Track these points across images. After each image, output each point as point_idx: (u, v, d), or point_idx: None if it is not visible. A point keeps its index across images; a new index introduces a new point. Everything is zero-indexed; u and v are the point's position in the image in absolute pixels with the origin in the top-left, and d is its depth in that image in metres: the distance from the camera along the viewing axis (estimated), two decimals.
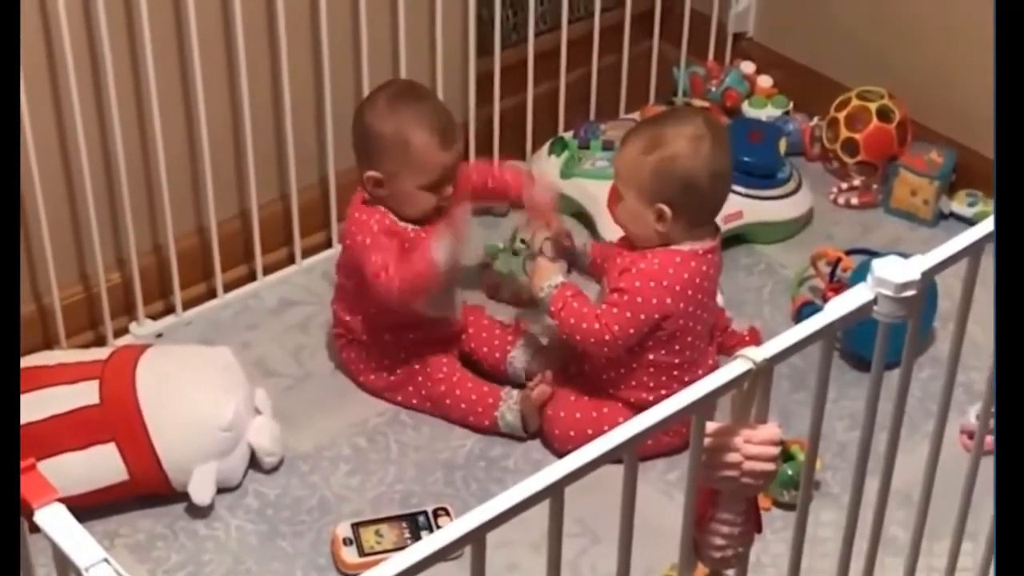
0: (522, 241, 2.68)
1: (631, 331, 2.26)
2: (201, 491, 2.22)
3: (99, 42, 2.30)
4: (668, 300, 2.24)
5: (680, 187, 2.21)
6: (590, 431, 2.23)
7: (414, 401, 2.43)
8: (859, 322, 1.36)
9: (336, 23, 2.59)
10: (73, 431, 2.18)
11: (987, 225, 1.41)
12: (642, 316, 2.25)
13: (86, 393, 2.21)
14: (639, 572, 2.08)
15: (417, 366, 2.41)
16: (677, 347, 2.30)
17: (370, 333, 2.41)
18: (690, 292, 2.26)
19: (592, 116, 2.98)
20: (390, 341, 2.41)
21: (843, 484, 2.25)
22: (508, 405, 2.36)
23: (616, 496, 1.31)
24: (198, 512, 2.24)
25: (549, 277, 2.31)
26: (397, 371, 2.43)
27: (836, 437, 2.40)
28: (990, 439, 2.31)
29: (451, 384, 2.39)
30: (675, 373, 2.30)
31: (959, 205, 2.87)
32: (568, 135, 2.92)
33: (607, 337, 2.25)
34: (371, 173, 2.32)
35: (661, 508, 2.20)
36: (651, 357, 2.30)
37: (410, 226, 2.35)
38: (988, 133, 2.82)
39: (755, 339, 2.51)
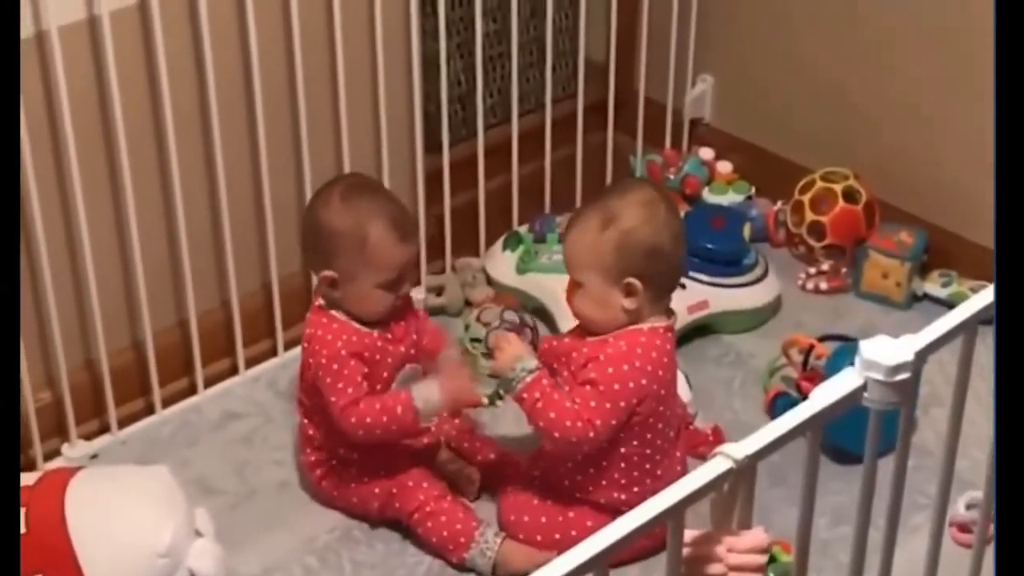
0: (474, 340, 2.56)
1: (613, 422, 2.13)
2: None
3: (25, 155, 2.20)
4: (643, 381, 2.13)
5: (645, 256, 2.13)
6: (557, 536, 2.16)
7: (387, 515, 2.30)
8: None
9: (275, 121, 2.51)
10: None
11: (981, 299, 1.30)
12: (621, 403, 2.13)
13: None
14: None
15: (393, 486, 2.27)
16: (649, 436, 2.18)
17: (342, 449, 2.28)
18: (660, 372, 2.16)
19: (547, 209, 2.93)
20: (362, 458, 2.28)
21: None
22: (480, 548, 2.21)
23: None
24: None
25: (521, 359, 2.15)
26: (373, 488, 2.28)
27: (819, 534, 2.27)
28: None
29: (425, 513, 2.25)
30: (647, 467, 2.18)
31: (933, 286, 2.80)
32: (523, 229, 2.86)
33: (591, 435, 2.12)
34: (326, 273, 2.22)
35: None
36: (623, 451, 2.18)
37: (375, 331, 2.24)
38: (959, 211, 2.79)
39: (718, 439, 2.40)
